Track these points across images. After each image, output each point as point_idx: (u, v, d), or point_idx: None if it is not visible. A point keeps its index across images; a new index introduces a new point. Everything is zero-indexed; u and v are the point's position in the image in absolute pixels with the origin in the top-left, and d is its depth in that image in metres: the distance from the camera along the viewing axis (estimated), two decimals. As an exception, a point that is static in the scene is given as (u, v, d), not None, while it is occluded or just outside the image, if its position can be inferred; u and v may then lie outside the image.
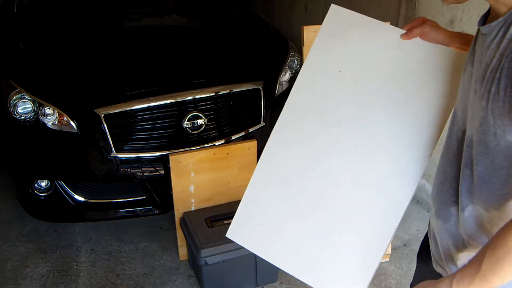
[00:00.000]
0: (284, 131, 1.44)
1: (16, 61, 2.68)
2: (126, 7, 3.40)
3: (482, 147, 0.89)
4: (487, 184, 0.91)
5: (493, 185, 0.89)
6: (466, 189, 0.96)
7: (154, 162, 2.41)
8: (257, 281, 2.33)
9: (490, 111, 0.85)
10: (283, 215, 1.38)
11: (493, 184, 0.89)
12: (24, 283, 2.38)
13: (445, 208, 1.03)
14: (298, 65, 2.91)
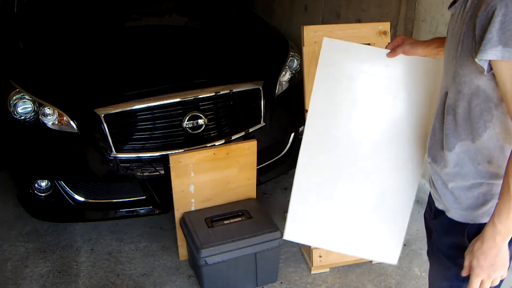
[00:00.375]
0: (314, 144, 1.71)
1: (16, 61, 2.68)
2: (126, 7, 3.40)
3: (458, 94, 1.17)
4: (468, 121, 1.17)
5: (473, 119, 1.16)
6: (451, 130, 1.22)
7: (154, 162, 2.41)
8: (257, 281, 2.33)
9: (458, 65, 1.14)
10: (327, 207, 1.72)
11: (473, 119, 1.16)
12: (24, 283, 2.38)
13: (439, 154, 1.28)
14: (298, 65, 2.91)
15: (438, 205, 1.35)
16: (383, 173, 1.68)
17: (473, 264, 1.17)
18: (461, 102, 1.17)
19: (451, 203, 1.28)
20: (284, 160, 2.91)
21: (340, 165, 1.69)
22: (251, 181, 2.51)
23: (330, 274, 2.43)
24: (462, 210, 1.26)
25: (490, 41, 1.02)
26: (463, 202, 1.25)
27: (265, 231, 2.25)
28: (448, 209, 1.30)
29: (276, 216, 2.85)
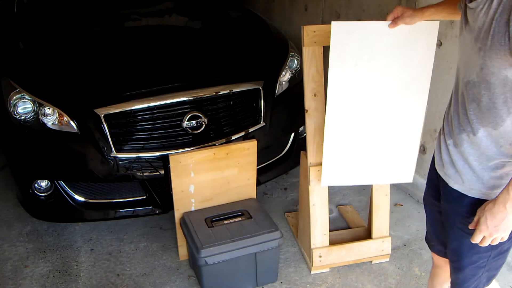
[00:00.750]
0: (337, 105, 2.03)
1: (16, 61, 2.68)
2: (126, 7, 3.40)
3: (485, 84, 1.27)
4: (492, 109, 1.28)
5: (497, 107, 1.27)
6: (476, 117, 1.33)
7: (154, 162, 2.41)
8: (257, 281, 2.33)
9: (488, 58, 1.24)
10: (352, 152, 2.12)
11: (497, 107, 1.27)
12: (24, 283, 2.38)
13: (461, 137, 1.39)
14: (298, 65, 2.91)
15: (454, 185, 1.45)
16: (395, 116, 2.06)
17: (481, 221, 1.31)
18: (486, 91, 1.28)
19: (474, 183, 1.39)
20: (284, 160, 2.91)
21: (360, 118, 2.05)
22: (251, 181, 2.51)
23: (330, 274, 2.43)
24: (486, 189, 1.37)
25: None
26: (487, 182, 1.36)
27: (265, 231, 2.25)
28: (470, 189, 1.40)
29: (276, 216, 2.86)
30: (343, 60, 1.94)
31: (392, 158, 2.15)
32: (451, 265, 1.62)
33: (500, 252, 1.47)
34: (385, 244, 2.46)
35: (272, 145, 2.77)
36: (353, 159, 2.14)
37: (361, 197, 3.06)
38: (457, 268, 1.56)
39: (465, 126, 1.37)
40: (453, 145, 1.44)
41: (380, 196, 2.41)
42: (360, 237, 2.58)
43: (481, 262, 1.49)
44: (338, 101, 2.02)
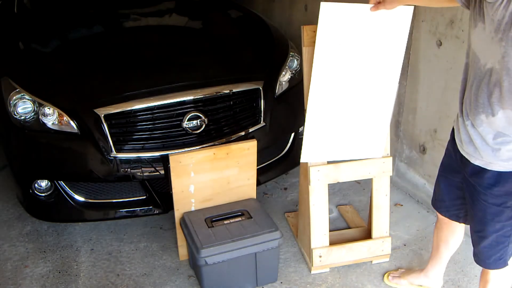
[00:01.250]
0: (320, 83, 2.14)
1: (16, 61, 2.68)
2: (126, 7, 3.40)
3: (506, 70, 1.40)
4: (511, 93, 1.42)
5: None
6: (497, 100, 1.46)
7: (154, 162, 2.41)
8: (257, 281, 2.33)
9: (509, 48, 1.37)
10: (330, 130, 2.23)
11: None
12: (24, 283, 2.38)
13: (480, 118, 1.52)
14: (298, 65, 2.91)
15: (475, 161, 1.61)
16: (370, 94, 2.19)
17: None
18: (507, 77, 1.41)
19: (492, 158, 1.55)
20: (284, 160, 2.91)
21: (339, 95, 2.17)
22: (251, 181, 2.51)
23: (330, 274, 2.43)
24: (503, 162, 1.54)
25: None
26: (503, 155, 1.53)
27: (265, 231, 2.25)
28: (489, 163, 1.57)
29: (276, 216, 2.86)
30: (329, 39, 2.05)
31: (366, 134, 2.27)
32: (475, 235, 1.75)
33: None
34: (385, 244, 2.46)
35: (272, 145, 2.77)
36: (331, 135, 2.24)
37: (361, 197, 3.06)
38: (483, 237, 1.70)
39: (485, 108, 1.50)
40: (471, 125, 1.58)
41: (380, 196, 2.41)
42: (360, 237, 2.58)
43: (505, 230, 1.64)
44: (321, 78, 2.12)
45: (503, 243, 1.68)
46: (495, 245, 1.69)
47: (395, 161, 3.07)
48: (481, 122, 1.54)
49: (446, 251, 2.14)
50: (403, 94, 2.91)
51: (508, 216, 1.61)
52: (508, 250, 1.71)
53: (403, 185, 3.09)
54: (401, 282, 2.33)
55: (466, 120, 1.60)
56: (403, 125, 2.97)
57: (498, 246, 1.69)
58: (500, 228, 1.65)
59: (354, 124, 2.24)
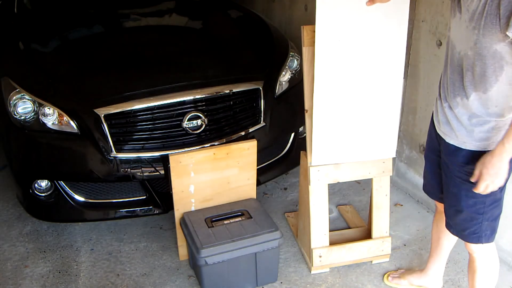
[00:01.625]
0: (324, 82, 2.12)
1: (16, 61, 2.68)
2: (126, 7, 3.40)
3: (478, 55, 1.53)
4: (483, 77, 1.54)
5: (487, 75, 1.54)
6: (469, 83, 1.59)
7: (154, 162, 2.41)
8: (257, 281, 2.33)
9: (481, 35, 1.49)
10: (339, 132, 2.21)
11: (487, 75, 1.54)
12: (24, 283, 2.38)
13: (456, 100, 1.66)
14: (298, 65, 2.91)
15: (450, 141, 1.73)
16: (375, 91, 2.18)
17: (483, 172, 1.59)
18: (479, 62, 1.53)
19: (466, 137, 1.67)
20: (284, 160, 2.91)
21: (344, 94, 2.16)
22: (251, 181, 2.51)
23: (330, 274, 2.43)
24: (476, 142, 1.65)
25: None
26: (477, 135, 1.64)
27: (265, 231, 2.25)
28: (464, 143, 1.68)
29: (276, 216, 2.86)
30: (328, 35, 2.05)
31: (375, 134, 2.25)
32: (451, 210, 1.85)
33: (495, 200, 1.73)
34: (385, 244, 2.46)
35: (272, 145, 2.77)
36: (340, 136, 2.22)
37: (361, 197, 3.06)
38: (458, 211, 1.80)
39: (460, 91, 1.64)
40: (448, 107, 1.71)
41: (380, 196, 2.41)
42: (360, 237, 2.58)
43: (478, 207, 1.75)
44: (324, 78, 2.11)
45: (476, 219, 1.78)
46: (469, 219, 1.79)
47: (395, 161, 3.07)
48: (456, 104, 1.66)
49: (447, 242, 2.15)
50: (403, 94, 2.91)
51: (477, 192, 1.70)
52: (482, 227, 1.79)
53: (403, 185, 3.09)
54: (401, 282, 2.33)
55: (444, 103, 1.73)
56: (403, 125, 2.97)
57: (472, 221, 1.79)
58: (473, 204, 1.75)
59: (363, 123, 2.22)
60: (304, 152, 2.33)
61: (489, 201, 1.73)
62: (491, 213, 1.77)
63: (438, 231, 2.15)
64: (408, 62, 2.82)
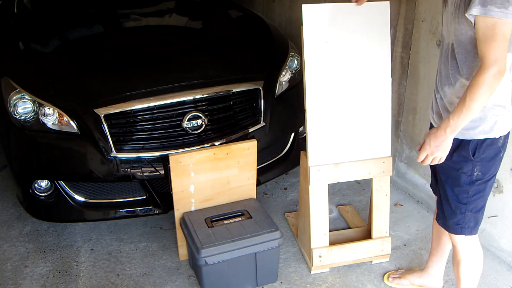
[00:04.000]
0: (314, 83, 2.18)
1: (16, 61, 2.68)
2: (126, 7, 3.40)
3: (458, 43, 1.62)
4: (465, 63, 1.63)
5: (468, 62, 1.62)
6: (454, 71, 1.67)
7: (154, 162, 2.41)
8: (257, 281, 2.33)
9: (458, 23, 1.59)
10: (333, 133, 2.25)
11: (468, 61, 1.62)
12: (24, 283, 2.38)
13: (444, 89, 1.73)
14: (298, 65, 2.91)
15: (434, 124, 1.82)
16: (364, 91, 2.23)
17: (425, 142, 1.70)
18: (460, 49, 1.62)
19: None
20: (284, 160, 2.91)
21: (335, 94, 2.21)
22: (251, 181, 2.51)
23: (330, 274, 2.43)
24: (463, 130, 1.68)
25: (474, 2, 1.47)
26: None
27: (265, 231, 2.25)
28: None
29: (276, 216, 2.86)
30: (315, 39, 2.12)
31: (369, 133, 2.29)
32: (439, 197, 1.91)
33: (478, 191, 1.79)
34: (385, 244, 2.46)
35: (272, 145, 2.77)
36: (335, 136, 2.26)
37: (361, 197, 3.06)
38: (445, 198, 1.87)
39: (446, 80, 1.71)
40: (440, 97, 1.78)
41: (380, 196, 2.41)
42: (360, 237, 2.58)
43: (461, 197, 1.81)
44: (315, 79, 2.16)
45: (460, 209, 1.83)
46: (454, 209, 1.85)
47: (395, 161, 3.07)
48: (445, 94, 1.74)
49: (447, 240, 2.16)
50: (403, 94, 2.91)
51: (464, 181, 1.77)
52: (466, 218, 1.84)
53: (403, 185, 3.09)
54: (402, 282, 2.33)
55: (437, 94, 1.81)
56: (403, 125, 2.97)
57: (456, 211, 1.84)
58: (458, 193, 1.81)
59: (356, 122, 2.26)
60: (304, 152, 2.34)
61: (473, 192, 1.78)
62: (475, 204, 1.81)
63: (438, 230, 2.16)
64: (408, 62, 2.82)
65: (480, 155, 1.72)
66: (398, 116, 2.97)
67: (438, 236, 2.19)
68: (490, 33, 1.47)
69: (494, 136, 1.70)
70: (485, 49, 1.49)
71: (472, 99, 1.52)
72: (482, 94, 1.51)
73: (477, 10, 1.46)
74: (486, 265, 2.45)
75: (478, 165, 1.74)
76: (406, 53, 2.83)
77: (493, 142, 1.71)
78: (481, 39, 1.50)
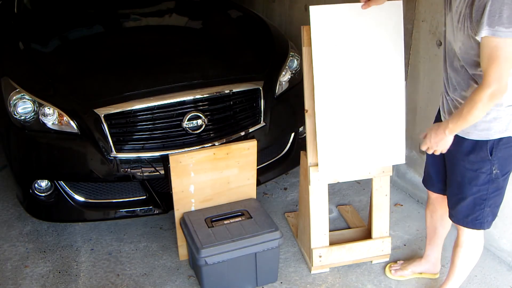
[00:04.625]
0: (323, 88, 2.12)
1: (16, 61, 2.68)
2: (126, 7, 3.40)
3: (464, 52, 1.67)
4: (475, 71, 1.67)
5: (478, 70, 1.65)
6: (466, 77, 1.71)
7: (154, 162, 2.41)
8: (257, 281, 2.33)
9: (466, 36, 1.61)
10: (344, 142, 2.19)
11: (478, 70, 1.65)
12: (24, 283, 2.38)
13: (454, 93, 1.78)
14: (298, 65, 2.91)
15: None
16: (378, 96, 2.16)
17: (427, 136, 1.79)
18: (469, 60, 1.66)
19: (470, 128, 1.75)
20: (284, 160, 2.91)
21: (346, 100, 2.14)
22: (251, 181, 2.51)
23: (330, 274, 2.43)
24: (479, 132, 1.75)
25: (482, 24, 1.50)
26: (479, 126, 1.74)
27: (265, 231, 2.25)
28: (468, 133, 1.78)
29: (276, 216, 2.86)
30: (324, 41, 2.06)
31: (383, 139, 2.23)
32: (454, 198, 1.93)
33: (497, 188, 1.84)
34: (385, 244, 2.46)
35: (272, 145, 2.77)
36: (347, 143, 2.20)
37: (361, 197, 3.06)
38: (462, 198, 1.89)
39: (459, 85, 1.75)
40: (451, 100, 1.81)
41: (380, 196, 2.41)
42: (360, 237, 2.58)
43: (481, 194, 1.84)
44: (324, 83, 2.11)
45: (479, 205, 1.87)
46: (472, 206, 1.88)
47: (395, 161, 3.07)
48: (456, 98, 1.77)
49: (442, 230, 2.24)
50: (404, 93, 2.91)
51: (483, 180, 1.82)
52: (484, 213, 1.89)
53: (403, 185, 3.09)
54: (404, 273, 2.38)
55: (447, 96, 1.84)
56: (403, 125, 2.97)
57: (475, 207, 1.88)
58: (476, 192, 1.85)
59: (368, 129, 2.20)
60: (304, 152, 2.33)
61: (492, 189, 1.84)
62: (494, 200, 1.87)
63: (433, 221, 2.23)
64: (408, 62, 2.82)
65: (498, 154, 1.77)
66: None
67: (433, 227, 2.25)
68: (494, 52, 1.51)
69: (509, 134, 1.75)
70: (487, 66, 1.53)
71: (469, 113, 1.61)
72: (478, 110, 1.59)
73: (486, 32, 1.50)
74: (486, 265, 2.45)
75: (496, 164, 1.79)
76: (406, 53, 2.82)
77: (509, 140, 1.76)
78: (484, 57, 1.54)
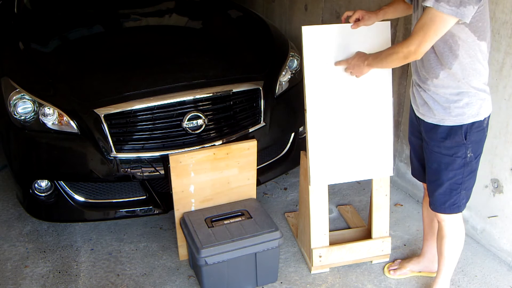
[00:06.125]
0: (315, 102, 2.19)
1: (16, 61, 2.68)
2: (126, 7, 3.40)
3: None
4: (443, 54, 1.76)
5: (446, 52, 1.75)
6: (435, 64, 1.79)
7: (154, 162, 2.41)
8: (257, 281, 2.33)
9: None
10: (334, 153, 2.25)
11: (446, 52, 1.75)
12: (24, 283, 2.38)
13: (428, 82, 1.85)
14: (298, 65, 2.92)
15: (429, 120, 1.90)
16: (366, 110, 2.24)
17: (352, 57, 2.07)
18: (438, 42, 1.72)
19: (444, 115, 1.84)
20: (284, 160, 2.91)
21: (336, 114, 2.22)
22: (251, 181, 2.51)
23: (330, 274, 2.43)
24: (453, 117, 1.83)
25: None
26: (453, 111, 1.82)
27: (265, 231, 2.25)
28: (442, 120, 1.85)
29: (276, 216, 2.86)
30: (315, 59, 2.14)
31: (371, 153, 2.30)
32: (432, 185, 1.99)
33: (471, 171, 1.92)
34: (385, 244, 2.47)
35: (272, 145, 2.77)
36: (337, 157, 2.27)
37: (361, 197, 3.06)
38: (439, 185, 1.96)
39: (429, 74, 1.82)
40: (422, 90, 1.89)
41: (380, 196, 2.41)
42: (360, 237, 2.58)
43: (457, 178, 1.92)
44: (315, 98, 2.18)
45: (456, 189, 1.94)
46: (449, 192, 1.95)
47: (395, 161, 3.07)
48: (429, 87, 1.85)
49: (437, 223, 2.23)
50: (403, 94, 2.91)
51: (458, 164, 1.89)
52: (461, 197, 1.96)
53: (403, 185, 3.09)
54: (403, 272, 2.39)
55: (418, 87, 1.91)
56: (403, 125, 2.97)
57: (452, 192, 1.95)
58: (452, 176, 1.92)
59: (358, 143, 2.27)
60: (304, 152, 2.33)
61: (467, 172, 1.92)
62: (468, 183, 1.95)
63: (429, 214, 2.24)
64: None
65: (471, 138, 1.85)
66: (398, 116, 2.97)
67: (429, 220, 2.27)
68: (429, 22, 1.64)
69: (481, 118, 1.83)
70: (418, 29, 1.68)
71: (385, 58, 1.83)
72: (392, 59, 1.80)
73: (430, 2, 1.62)
74: (486, 265, 2.45)
75: (470, 147, 1.87)
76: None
77: (480, 124, 1.84)
78: (419, 22, 1.68)
